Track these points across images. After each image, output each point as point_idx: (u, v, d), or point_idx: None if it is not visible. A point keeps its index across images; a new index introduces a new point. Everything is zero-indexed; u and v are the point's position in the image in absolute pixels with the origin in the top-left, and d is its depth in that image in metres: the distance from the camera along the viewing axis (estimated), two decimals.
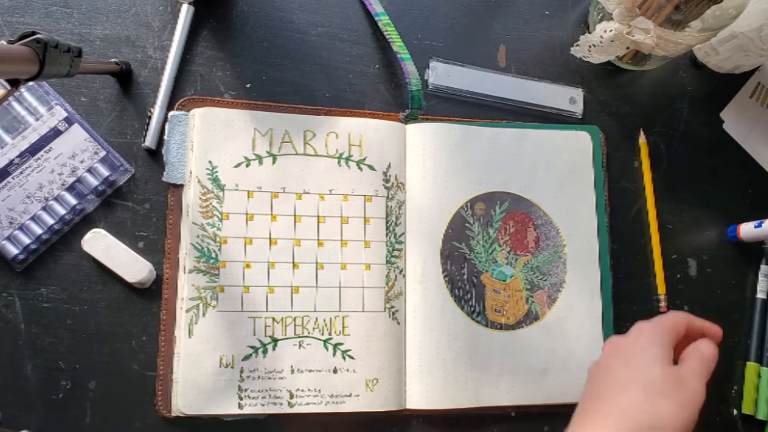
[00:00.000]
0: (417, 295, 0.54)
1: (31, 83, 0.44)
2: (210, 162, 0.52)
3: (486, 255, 0.55)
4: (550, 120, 0.60)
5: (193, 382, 0.48)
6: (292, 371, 0.50)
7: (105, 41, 0.54)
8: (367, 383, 0.51)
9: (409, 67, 0.55)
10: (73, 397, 0.48)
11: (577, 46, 0.59)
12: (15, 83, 0.38)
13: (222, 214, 0.51)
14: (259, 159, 0.53)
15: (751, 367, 0.59)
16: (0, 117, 0.50)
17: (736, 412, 0.59)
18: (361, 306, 0.52)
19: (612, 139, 0.61)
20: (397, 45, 0.56)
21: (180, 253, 0.51)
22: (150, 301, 0.51)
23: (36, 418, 0.48)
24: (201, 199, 0.51)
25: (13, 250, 0.49)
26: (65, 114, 0.51)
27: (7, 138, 0.50)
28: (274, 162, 0.53)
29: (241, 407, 0.49)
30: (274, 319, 0.51)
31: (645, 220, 0.60)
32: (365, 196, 0.54)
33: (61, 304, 0.49)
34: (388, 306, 0.53)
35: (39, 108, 0.51)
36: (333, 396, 0.51)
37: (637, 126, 0.62)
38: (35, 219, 0.50)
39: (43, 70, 0.38)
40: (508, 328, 0.55)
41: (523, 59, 0.61)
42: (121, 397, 0.49)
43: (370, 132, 0.55)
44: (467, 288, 0.54)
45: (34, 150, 0.50)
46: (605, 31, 0.55)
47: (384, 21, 0.57)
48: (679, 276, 0.60)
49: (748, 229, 0.60)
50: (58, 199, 0.50)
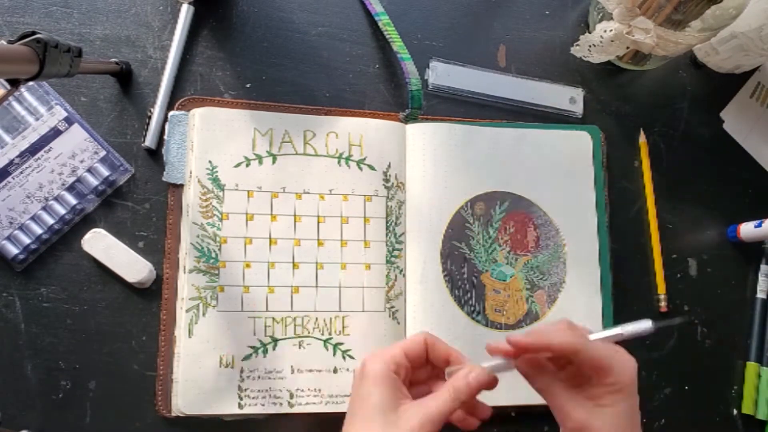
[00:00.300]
0: (417, 294, 0.53)
1: (31, 83, 0.44)
2: (210, 162, 0.52)
3: (486, 255, 0.55)
4: (550, 120, 0.60)
5: (193, 382, 0.48)
6: (292, 371, 0.50)
7: (105, 41, 0.54)
8: None
9: (409, 66, 0.55)
10: (73, 397, 0.48)
11: (577, 45, 0.59)
12: (15, 83, 0.38)
13: (222, 214, 0.51)
14: (259, 159, 0.53)
15: (751, 367, 0.59)
16: (0, 117, 0.50)
17: (736, 412, 0.59)
18: (361, 306, 0.52)
19: (612, 138, 0.61)
20: (398, 45, 0.56)
21: (180, 253, 0.51)
22: (150, 301, 0.51)
23: (36, 418, 0.48)
24: (201, 198, 0.51)
25: (13, 250, 0.49)
26: (65, 114, 0.51)
27: (7, 138, 0.50)
28: (274, 162, 0.53)
29: (241, 407, 0.49)
30: (274, 319, 0.51)
31: (645, 219, 0.60)
32: (365, 196, 0.54)
33: (61, 304, 0.49)
34: (388, 306, 0.53)
35: (39, 108, 0.51)
36: (333, 396, 0.51)
37: (637, 126, 0.62)
38: (35, 219, 0.50)
39: (43, 70, 0.38)
40: (508, 327, 0.55)
41: (523, 59, 0.61)
42: (122, 397, 0.49)
43: (370, 132, 0.55)
44: (467, 288, 0.54)
45: (34, 150, 0.50)
46: (605, 30, 0.55)
47: (384, 21, 0.57)
48: (679, 276, 0.60)
49: (748, 229, 0.60)
50: (58, 198, 0.50)
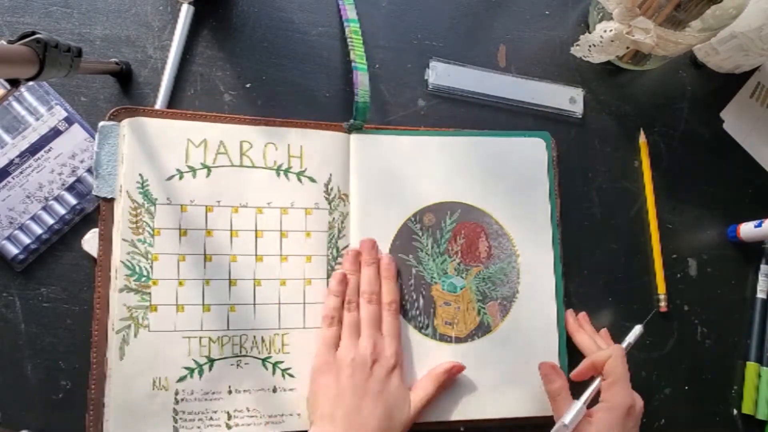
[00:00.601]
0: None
1: (31, 83, 0.44)
2: (141, 175, 0.50)
3: (436, 267, 0.54)
4: (550, 119, 0.60)
5: (125, 406, 0.46)
6: (230, 392, 0.48)
7: (105, 41, 0.54)
8: (307, 402, 0.49)
9: (361, 77, 0.54)
10: (73, 397, 0.48)
11: (577, 45, 0.59)
12: (15, 83, 0.38)
13: (154, 229, 0.49)
14: (193, 171, 0.51)
15: (751, 367, 0.59)
16: (0, 117, 0.50)
17: (736, 412, 0.59)
18: (302, 323, 0.51)
19: (612, 138, 0.61)
20: (356, 54, 0.55)
21: (111, 270, 0.48)
22: None
23: (36, 418, 0.48)
24: (131, 213, 0.49)
25: (13, 250, 0.49)
26: (65, 114, 0.51)
27: (7, 138, 0.50)
28: (209, 174, 0.51)
29: (176, 430, 0.47)
30: (210, 339, 0.49)
31: (645, 219, 0.60)
32: (305, 209, 0.52)
33: (61, 304, 0.49)
34: None
35: (39, 108, 0.51)
36: (272, 416, 0.49)
37: (637, 126, 0.62)
38: (35, 219, 0.50)
39: (43, 70, 0.38)
40: (458, 341, 0.53)
41: (523, 59, 0.61)
42: None
43: (310, 143, 0.53)
44: (414, 301, 0.53)
45: (34, 150, 0.50)
46: (605, 30, 0.55)
47: (352, 28, 0.56)
48: (679, 276, 0.60)
49: (748, 229, 0.60)
50: (58, 198, 0.50)
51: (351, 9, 0.57)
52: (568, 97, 0.60)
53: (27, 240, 0.49)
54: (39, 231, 0.50)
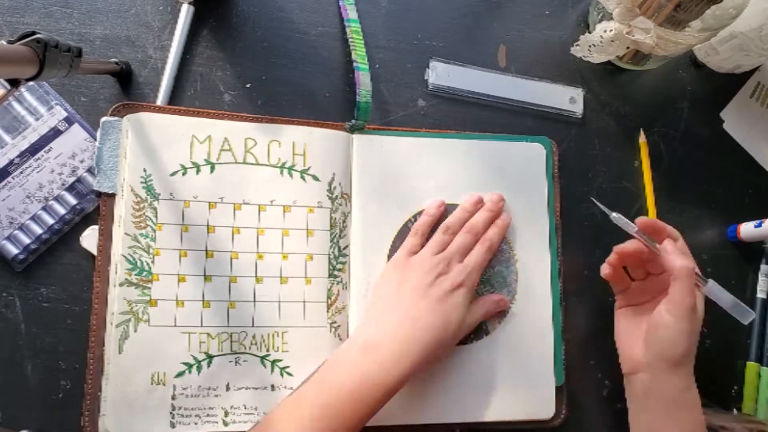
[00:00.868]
0: (361, 309, 0.52)
1: (31, 83, 0.44)
2: (144, 170, 0.50)
3: None
4: (550, 119, 0.60)
5: (123, 401, 0.46)
6: (228, 388, 0.48)
7: (105, 41, 0.54)
8: None
9: (363, 77, 0.54)
10: (73, 397, 0.48)
11: (577, 45, 0.59)
12: (15, 83, 0.38)
13: (156, 224, 0.49)
14: (197, 167, 0.51)
15: (751, 367, 0.59)
16: (0, 117, 0.50)
17: (736, 412, 0.59)
18: (301, 321, 0.50)
19: (612, 138, 0.61)
20: (358, 54, 0.55)
21: (111, 265, 0.49)
22: None
23: (36, 418, 0.48)
24: (134, 208, 0.49)
25: (13, 250, 0.49)
26: (65, 114, 0.51)
27: (7, 138, 0.50)
28: (212, 171, 0.51)
29: (173, 426, 0.47)
30: (209, 335, 0.49)
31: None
32: (308, 207, 0.52)
33: (61, 304, 0.49)
34: (330, 321, 0.51)
35: (39, 108, 0.51)
36: None
37: (637, 126, 0.62)
38: (35, 219, 0.50)
39: (43, 70, 0.38)
40: (457, 343, 0.52)
41: (523, 59, 0.61)
42: None
43: (314, 141, 0.53)
44: None
45: (34, 150, 0.50)
46: (605, 30, 0.55)
47: (353, 28, 0.56)
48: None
49: (748, 229, 0.60)
50: (58, 198, 0.50)
51: (352, 9, 0.57)
52: (568, 97, 0.60)
53: (27, 240, 0.49)
54: (39, 231, 0.50)
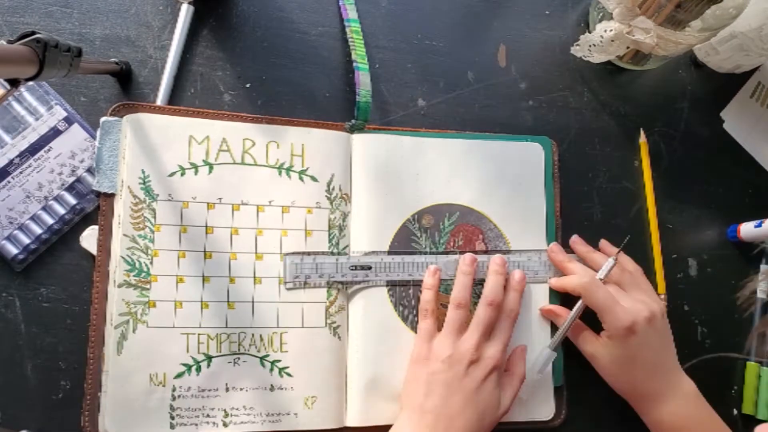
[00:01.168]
0: (359, 310, 0.52)
1: (30, 83, 0.44)
2: (143, 171, 0.50)
3: None
4: (550, 121, 0.60)
5: (122, 401, 0.46)
6: (227, 389, 0.48)
7: (105, 41, 0.54)
8: (305, 401, 0.49)
9: (363, 77, 0.54)
10: (73, 397, 0.48)
11: (578, 45, 0.59)
12: (15, 83, 0.38)
13: (155, 225, 0.49)
14: (195, 168, 0.51)
15: (751, 368, 0.59)
16: (0, 117, 0.50)
17: (736, 412, 0.59)
18: (300, 322, 0.50)
19: (612, 138, 0.61)
20: (358, 54, 0.55)
21: (110, 266, 0.49)
22: None
23: (36, 418, 0.48)
24: (132, 209, 0.49)
25: (12, 250, 0.49)
26: (65, 114, 0.51)
27: (6, 138, 0.50)
28: (211, 171, 0.51)
29: (173, 427, 0.47)
30: (209, 336, 0.49)
31: (645, 219, 0.60)
32: (306, 208, 0.52)
33: (61, 304, 0.49)
34: (329, 321, 0.51)
35: (39, 108, 0.51)
36: (270, 414, 0.49)
37: (638, 126, 0.62)
38: (35, 219, 0.50)
39: (42, 70, 0.38)
40: None
41: (523, 59, 0.61)
42: None
43: (312, 142, 0.53)
44: (412, 303, 0.53)
45: (33, 150, 0.50)
46: (605, 30, 0.55)
47: (353, 28, 0.56)
48: (679, 276, 0.60)
49: (748, 229, 0.60)
50: (57, 198, 0.50)
51: (351, 9, 0.57)
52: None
53: (27, 240, 0.49)
54: (39, 231, 0.50)
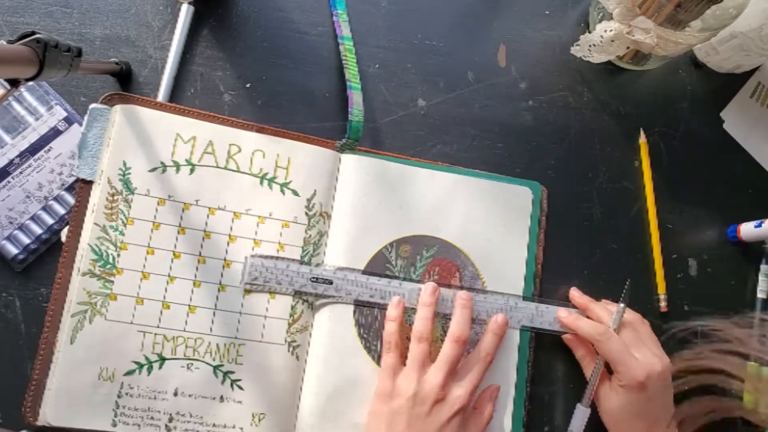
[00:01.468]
0: (323, 332, 0.51)
1: (30, 83, 0.44)
2: (124, 162, 0.49)
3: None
4: (550, 118, 0.60)
5: (67, 392, 0.46)
6: (176, 394, 0.48)
7: (105, 41, 0.54)
8: (253, 417, 0.48)
9: (355, 96, 0.54)
10: None
11: (578, 45, 0.59)
12: (15, 83, 0.38)
13: (128, 218, 0.49)
14: (177, 167, 0.50)
15: (751, 368, 0.59)
16: (0, 117, 0.50)
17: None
18: (259, 335, 0.50)
19: (612, 138, 0.61)
20: (351, 73, 0.55)
21: (77, 252, 0.48)
22: None
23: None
24: (108, 199, 0.49)
25: (12, 250, 0.49)
26: (65, 114, 0.51)
27: (6, 138, 0.50)
28: (192, 172, 0.50)
29: (114, 424, 0.46)
30: (165, 337, 0.48)
31: (645, 219, 0.60)
32: (283, 221, 0.51)
33: None
34: (289, 339, 0.50)
35: (39, 108, 0.51)
36: (215, 426, 0.48)
37: (637, 126, 0.62)
38: (35, 219, 0.50)
39: (42, 70, 0.38)
40: None
41: (523, 59, 0.61)
42: None
43: (299, 156, 0.53)
44: (378, 331, 0.52)
45: (33, 150, 0.50)
46: (605, 30, 0.55)
47: (347, 46, 0.56)
48: (679, 276, 0.60)
49: (748, 229, 0.60)
50: (57, 198, 0.50)
51: (345, 26, 0.57)
52: None
53: (27, 240, 0.49)
54: (39, 231, 0.50)
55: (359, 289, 0.52)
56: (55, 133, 0.51)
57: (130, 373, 0.47)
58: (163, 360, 0.48)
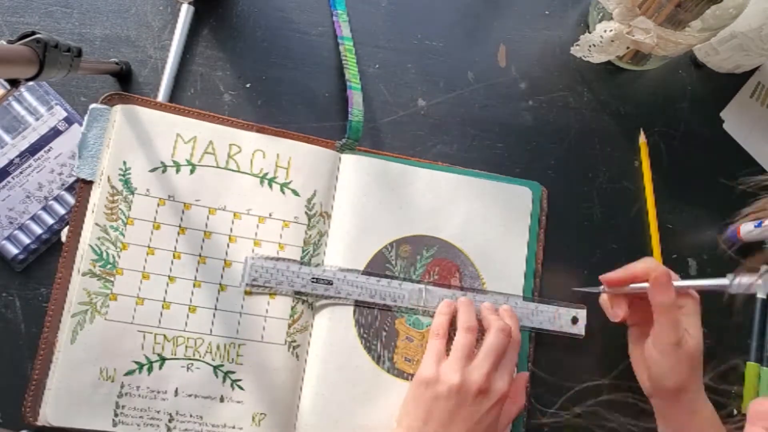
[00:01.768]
0: (323, 332, 0.51)
1: (30, 83, 0.44)
2: (124, 162, 0.49)
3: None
4: (550, 120, 0.60)
5: (67, 392, 0.46)
6: (176, 394, 0.48)
7: (105, 41, 0.54)
8: (253, 417, 0.48)
9: (355, 97, 0.54)
10: None
11: (578, 45, 0.59)
12: (15, 83, 0.38)
13: (128, 218, 0.49)
14: (177, 167, 0.50)
15: (751, 368, 0.59)
16: (0, 117, 0.50)
17: (736, 412, 0.59)
18: (260, 336, 0.50)
19: (612, 138, 0.61)
20: (351, 73, 0.55)
21: (77, 252, 0.48)
22: None
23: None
24: (108, 199, 0.49)
25: (13, 250, 0.49)
26: (65, 114, 0.51)
27: (6, 138, 0.50)
28: (193, 172, 0.51)
29: (115, 424, 0.46)
30: (165, 337, 0.48)
31: (645, 220, 0.60)
32: (284, 221, 0.51)
33: None
34: (289, 339, 0.50)
35: (39, 108, 0.51)
36: (215, 426, 0.48)
37: (638, 126, 0.62)
38: (35, 219, 0.50)
39: (42, 70, 0.38)
40: None
41: (523, 59, 0.61)
42: None
43: (299, 156, 0.53)
44: (378, 332, 0.52)
45: (33, 150, 0.50)
46: (605, 30, 0.55)
47: (347, 46, 0.56)
48: (679, 276, 0.60)
49: (748, 229, 0.60)
50: (58, 198, 0.50)
51: (345, 26, 0.57)
52: (569, 318, 0.56)
53: (27, 240, 0.49)
54: (39, 231, 0.50)
55: (359, 290, 0.52)
56: (55, 133, 0.51)
57: (130, 373, 0.47)
58: (163, 360, 0.48)
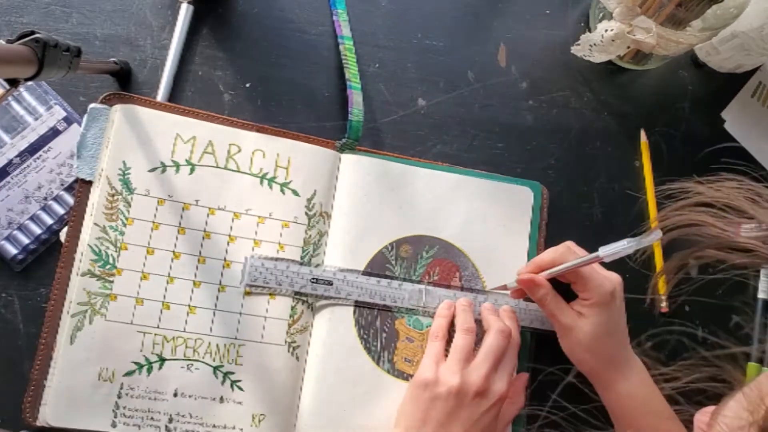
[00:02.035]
0: (323, 333, 0.51)
1: (30, 83, 0.44)
2: (124, 162, 0.49)
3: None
4: (550, 120, 0.60)
5: (67, 393, 0.46)
6: (176, 394, 0.47)
7: (104, 41, 0.54)
8: (253, 417, 0.48)
9: (355, 96, 0.54)
10: None
11: (578, 45, 0.59)
12: (14, 83, 0.38)
13: (127, 218, 0.49)
14: (177, 167, 0.50)
15: (751, 368, 0.59)
16: None
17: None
18: (259, 336, 0.50)
19: (612, 138, 0.61)
20: (351, 73, 0.55)
21: (76, 252, 0.48)
22: None
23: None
24: (108, 199, 0.49)
25: (12, 250, 0.49)
26: (64, 114, 0.51)
27: (6, 138, 0.50)
28: (192, 172, 0.51)
29: (114, 425, 0.46)
30: (165, 338, 0.48)
31: (646, 220, 0.60)
32: (283, 221, 0.51)
33: None
34: (289, 340, 0.50)
35: (38, 108, 0.51)
36: (215, 426, 0.48)
37: (638, 125, 0.62)
38: (34, 219, 0.50)
39: (42, 70, 0.38)
40: None
41: (523, 59, 0.61)
42: None
43: (299, 156, 0.53)
44: (377, 332, 0.52)
45: (33, 150, 0.50)
46: (606, 30, 0.55)
47: (347, 46, 0.56)
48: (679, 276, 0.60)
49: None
50: (57, 199, 0.50)
51: (345, 26, 0.57)
52: None
53: (26, 240, 0.49)
54: (38, 231, 0.49)
55: (359, 290, 0.52)
56: (54, 133, 0.51)
57: (129, 373, 0.47)
58: (162, 360, 0.48)
